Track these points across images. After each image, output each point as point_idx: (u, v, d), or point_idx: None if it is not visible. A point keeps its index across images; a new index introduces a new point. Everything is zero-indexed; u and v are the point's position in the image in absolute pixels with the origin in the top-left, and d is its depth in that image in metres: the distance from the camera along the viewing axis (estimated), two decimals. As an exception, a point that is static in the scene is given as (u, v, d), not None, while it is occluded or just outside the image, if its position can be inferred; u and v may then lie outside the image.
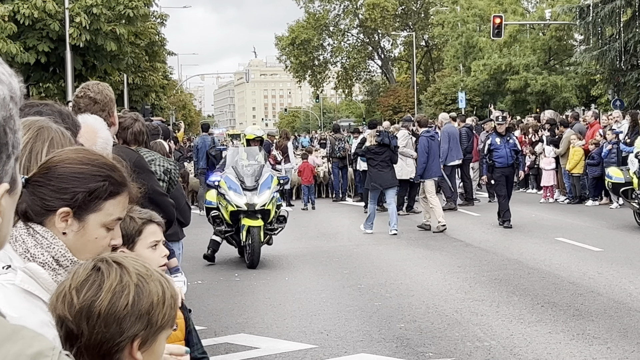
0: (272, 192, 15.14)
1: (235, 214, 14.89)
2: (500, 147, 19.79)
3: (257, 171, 15.44)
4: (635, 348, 9.05)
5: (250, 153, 16.46)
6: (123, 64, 31.71)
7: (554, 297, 11.89)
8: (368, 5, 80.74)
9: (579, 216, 21.76)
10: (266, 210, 14.88)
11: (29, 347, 1.27)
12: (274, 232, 15.26)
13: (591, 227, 19.43)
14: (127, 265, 2.30)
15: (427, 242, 18.08)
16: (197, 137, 31.05)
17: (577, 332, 9.84)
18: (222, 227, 15.20)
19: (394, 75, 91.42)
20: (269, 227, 15.05)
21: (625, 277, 13.18)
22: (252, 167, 15.55)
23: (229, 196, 14.88)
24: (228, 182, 15.12)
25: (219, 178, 15.54)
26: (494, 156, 19.88)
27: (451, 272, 14.26)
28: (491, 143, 20.08)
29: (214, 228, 15.44)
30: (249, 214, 14.74)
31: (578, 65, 53.35)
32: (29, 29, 26.98)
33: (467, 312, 11.14)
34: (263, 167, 15.77)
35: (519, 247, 16.77)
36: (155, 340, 2.30)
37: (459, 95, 60.63)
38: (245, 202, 14.73)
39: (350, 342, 9.68)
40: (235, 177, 15.18)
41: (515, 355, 8.95)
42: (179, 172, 7.57)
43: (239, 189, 14.95)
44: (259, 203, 14.75)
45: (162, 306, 2.30)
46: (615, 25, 43.88)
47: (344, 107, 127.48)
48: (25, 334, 1.29)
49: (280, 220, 15.41)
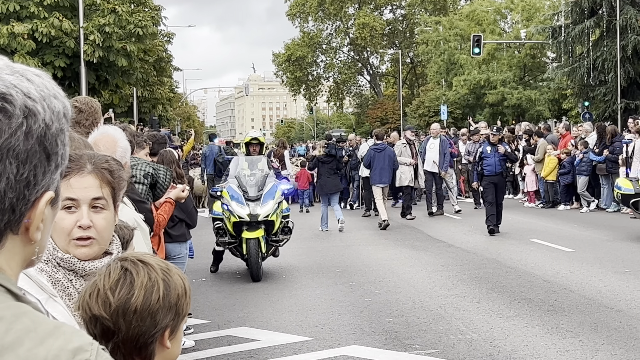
0: (275, 203, 13.59)
1: (238, 225, 13.39)
2: (490, 156, 19.15)
3: (261, 181, 13.93)
4: (605, 341, 9.05)
5: (251, 162, 14.76)
6: (133, 79, 31.73)
7: (529, 293, 11.90)
8: (358, 25, 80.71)
9: (552, 219, 21.79)
10: (270, 222, 13.43)
11: (70, 342, 1.27)
12: (279, 244, 13.87)
13: (563, 229, 19.45)
14: (150, 262, 2.30)
15: (413, 243, 18.08)
16: (205, 146, 31.13)
17: (552, 326, 9.84)
18: (225, 239, 13.68)
19: (382, 89, 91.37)
20: (274, 239, 13.64)
21: (595, 275, 13.20)
22: (255, 177, 14.05)
23: (231, 207, 13.41)
24: (230, 192, 13.65)
25: (221, 188, 14.14)
26: (483, 164, 19.30)
27: (435, 270, 14.26)
28: (482, 151, 19.52)
29: (217, 239, 13.90)
30: (252, 225, 13.29)
31: (550, 81, 53.46)
32: (47, 46, 26.96)
33: (450, 307, 11.13)
34: (267, 177, 14.16)
35: (497, 248, 16.79)
36: (180, 328, 2.32)
37: (441, 108, 60.61)
38: (248, 212, 13.26)
39: (342, 335, 9.67)
40: (238, 187, 13.74)
41: (495, 347, 8.95)
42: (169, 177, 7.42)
43: (242, 199, 13.48)
44: (262, 214, 13.29)
45: (185, 296, 2.31)
46: (585, 44, 43.97)
47: (336, 118, 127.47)
48: (66, 330, 1.30)
49: (285, 231, 13.90)
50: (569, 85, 48.18)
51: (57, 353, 1.24)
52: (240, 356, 8.97)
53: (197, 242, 17.01)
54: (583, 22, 43.48)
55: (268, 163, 15.13)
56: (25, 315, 1.28)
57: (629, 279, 12.78)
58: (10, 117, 1.28)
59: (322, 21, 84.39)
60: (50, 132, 1.34)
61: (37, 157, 1.32)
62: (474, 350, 8.85)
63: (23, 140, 1.29)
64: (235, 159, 15.53)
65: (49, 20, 26.41)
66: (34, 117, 1.31)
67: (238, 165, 14.66)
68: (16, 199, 1.31)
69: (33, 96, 1.32)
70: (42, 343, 1.24)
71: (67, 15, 27.32)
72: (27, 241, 1.39)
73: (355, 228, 21.52)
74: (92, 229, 2.81)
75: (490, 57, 60.57)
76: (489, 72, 60.07)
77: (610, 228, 19.59)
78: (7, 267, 1.36)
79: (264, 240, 13.33)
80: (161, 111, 50.39)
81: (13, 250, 1.37)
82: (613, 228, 19.51)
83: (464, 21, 65.06)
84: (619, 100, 40.53)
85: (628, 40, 40.46)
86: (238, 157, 16.26)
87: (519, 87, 59.02)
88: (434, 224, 20.50)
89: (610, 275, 13.18)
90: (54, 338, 1.26)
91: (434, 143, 24.15)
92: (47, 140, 1.34)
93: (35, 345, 1.23)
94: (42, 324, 1.28)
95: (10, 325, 1.24)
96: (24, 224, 1.36)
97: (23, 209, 1.33)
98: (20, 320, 1.26)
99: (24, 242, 1.39)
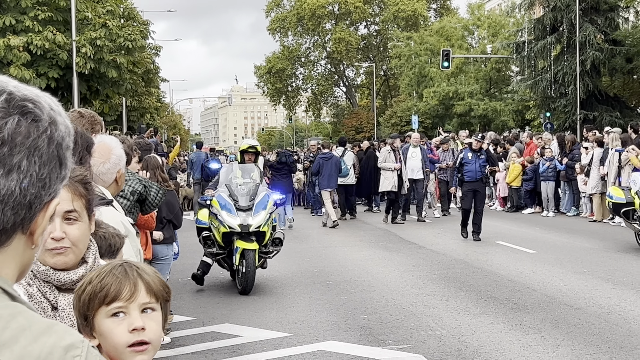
0: (267, 213, 12.35)
1: (228, 235, 12.22)
2: (470, 162, 18.18)
3: (253, 190, 12.64)
4: (566, 337, 9.10)
5: (245, 170, 13.43)
6: (122, 89, 31.59)
7: (495, 292, 11.94)
8: (335, 40, 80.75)
9: (516, 223, 21.89)
10: (261, 232, 12.19)
11: (62, 340, 1.28)
12: (268, 256, 12.67)
13: (526, 232, 19.54)
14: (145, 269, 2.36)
15: (386, 244, 18.10)
16: (192, 153, 31.26)
17: (515, 322, 9.89)
18: (213, 249, 12.46)
19: (357, 100, 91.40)
20: (264, 250, 12.45)
21: (556, 275, 13.26)
22: (247, 186, 12.75)
23: (221, 216, 12.15)
24: (221, 201, 12.36)
25: (211, 197, 12.75)
26: (463, 170, 18.28)
27: (407, 270, 14.28)
28: (463, 157, 18.48)
29: (205, 249, 12.60)
30: (243, 236, 12.09)
31: (515, 93, 53.71)
32: (41, 58, 26.84)
33: (421, 305, 11.16)
34: (259, 186, 12.90)
35: (465, 250, 16.84)
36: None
37: (412, 118, 60.51)
38: (239, 223, 12.01)
39: (320, 331, 9.67)
40: (229, 196, 12.46)
41: (463, 342, 8.98)
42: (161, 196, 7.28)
43: (233, 208, 12.22)
44: (253, 224, 12.03)
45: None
46: (547, 59, 44.24)
47: (314, 127, 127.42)
48: (59, 328, 1.31)
49: (275, 242, 12.70)
50: (532, 97, 48.47)
51: (50, 350, 1.25)
52: (224, 351, 8.95)
53: (182, 242, 16.93)
54: (545, 38, 43.76)
55: (260, 173, 13.78)
56: (21, 314, 1.29)
57: (587, 279, 12.86)
58: (38, 121, 1.35)
59: (301, 36, 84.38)
60: (64, 143, 1.40)
61: (54, 162, 1.37)
62: (443, 345, 8.88)
63: (47, 143, 1.36)
64: (226, 167, 14.25)
65: (43, 34, 26.31)
66: (56, 126, 1.38)
67: (230, 173, 13.40)
68: (34, 196, 1.35)
69: (54, 109, 1.40)
70: (37, 340, 1.25)
71: (61, 29, 27.21)
72: (29, 244, 1.41)
73: (332, 231, 21.52)
74: (65, 239, 2.76)
75: (458, 71, 60.75)
76: (457, 85, 60.23)
77: (570, 231, 19.71)
78: (5, 268, 1.37)
79: (257, 252, 12.22)
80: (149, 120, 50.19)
81: (16, 251, 1.38)
82: (573, 231, 19.63)
83: (433, 37, 65.22)
84: (578, 111, 40.80)
85: (587, 55, 40.73)
86: (229, 164, 15.03)
87: (485, 98, 59.21)
88: (405, 227, 20.54)
89: (570, 275, 13.26)
90: (47, 336, 1.27)
91: (415, 152, 23.39)
92: (62, 150, 1.39)
93: (29, 343, 1.24)
94: (37, 322, 1.29)
95: (7, 324, 1.25)
96: (30, 227, 1.38)
97: (37, 208, 1.37)
98: (16, 319, 1.27)
99: (27, 245, 1.40)
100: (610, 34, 41.89)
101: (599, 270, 13.63)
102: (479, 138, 19.03)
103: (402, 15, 76.78)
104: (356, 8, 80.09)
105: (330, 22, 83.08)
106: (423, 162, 23.25)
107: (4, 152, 1.31)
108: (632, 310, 10.45)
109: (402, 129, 56.47)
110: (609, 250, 16.18)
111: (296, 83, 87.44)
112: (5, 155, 1.31)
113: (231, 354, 8.80)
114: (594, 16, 42.23)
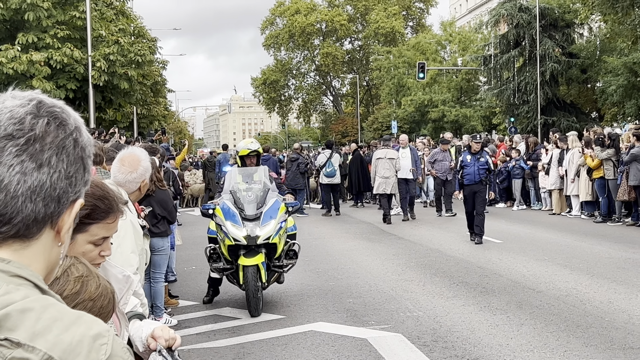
0: (278, 222, 9.77)
1: (234, 248, 9.75)
2: (470, 165, 16.35)
3: (260, 196, 10.01)
4: (529, 317, 9.12)
5: (246, 174, 10.60)
6: (133, 99, 31.55)
7: (466, 278, 11.96)
8: (322, 54, 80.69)
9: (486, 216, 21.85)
10: (272, 245, 9.72)
11: (91, 329, 1.28)
12: (283, 270, 10.08)
13: (494, 224, 19.53)
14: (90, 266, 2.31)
15: (369, 236, 18.09)
16: (219, 154, 31.30)
17: (484, 304, 9.90)
18: (220, 264, 10.00)
19: (342, 107, 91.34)
20: (277, 264, 9.94)
21: (520, 262, 13.29)
22: (254, 192, 10.08)
23: (225, 227, 9.70)
24: (225, 210, 9.86)
25: (214, 205, 10.12)
26: (463, 173, 16.48)
27: (387, 259, 14.28)
28: (462, 160, 16.64)
29: (210, 265, 10.14)
30: (250, 250, 9.67)
31: (482, 101, 53.88)
32: (60, 71, 26.73)
33: (400, 289, 11.16)
34: (268, 192, 10.17)
35: (439, 240, 16.85)
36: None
37: (392, 123, 60.85)
38: (245, 234, 9.57)
39: (310, 314, 9.67)
40: (234, 204, 9.92)
41: (438, 322, 8.98)
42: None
43: (238, 218, 9.73)
44: (262, 236, 9.57)
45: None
46: (511, 70, 44.37)
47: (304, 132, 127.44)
48: (87, 319, 1.30)
49: (290, 255, 10.11)
50: (498, 104, 48.60)
51: (80, 339, 1.25)
52: (225, 332, 8.94)
53: (187, 235, 16.95)
54: (509, 52, 43.92)
55: (266, 172, 10.72)
56: (52, 306, 1.28)
57: (548, 265, 12.88)
58: (66, 125, 1.38)
59: (292, 51, 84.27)
60: (87, 149, 1.42)
61: (79, 164, 1.39)
62: (420, 325, 8.88)
63: (73, 145, 1.38)
64: (230, 171, 11.08)
65: (62, 50, 26.20)
66: (80, 133, 1.40)
67: (232, 178, 10.62)
68: (63, 191, 1.36)
69: (78, 120, 1.43)
70: (68, 330, 1.25)
71: (78, 45, 27.11)
72: (57, 241, 1.41)
73: (321, 224, 21.51)
74: None
75: (432, 81, 60.82)
76: (432, 94, 60.31)
77: (533, 223, 19.76)
78: (35, 262, 1.37)
79: (264, 267, 9.66)
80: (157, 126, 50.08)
81: (45, 246, 1.39)
82: (535, 223, 19.68)
83: (410, 51, 65.23)
84: (539, 116, 40.95)
85: (546, 67, 40.90)
86: (232, 168, 11.46)
87: (456, 105, 59.31)
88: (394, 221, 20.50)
89: (533, 262, 13.28)
90: (77, 325, 1.27)
91: (405, 152, 21.90)
92: (85, 156, 1.41)
93: (62, 332, 1.24)
94: (67, 313, 1.29)
95: (40, 315, 1.25)
96: (58, 223, 1.39)
97: (65, 203, 1.38)
98: (48, 311, 1.26)
99: (55, 242, 1.41)
100: (567, 48, 42.06)
101: (558, 258, 13.66)
102: (477, 139, 16.93)
103: (382, 32, 76.78)
104: (341, 26, 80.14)
105: (319, 38, 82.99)
106: (413, 162, 21.84)
107: (36, 149, 1.33)
108: (587, 293, 10.48)
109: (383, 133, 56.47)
110: (567, 240, 16.22)
111: (288, 93, 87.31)
112: (37, 151, 1.33)
113: (231, 335, 8.79)
114: (552, 32, 42.40)
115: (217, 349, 8.19)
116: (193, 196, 29.83)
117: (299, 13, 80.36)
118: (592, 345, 7.80)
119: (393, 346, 8.02)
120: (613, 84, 34.45)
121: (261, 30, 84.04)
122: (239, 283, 9.80)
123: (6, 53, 25.15)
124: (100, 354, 1.25)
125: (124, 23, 30.85)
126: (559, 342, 7.94)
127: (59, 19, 26.77)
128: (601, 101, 38.31)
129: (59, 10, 26.98)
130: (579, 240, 16.07)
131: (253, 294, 9.53)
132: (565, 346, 7.79)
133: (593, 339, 8.06)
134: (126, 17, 32.92)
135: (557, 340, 8.04)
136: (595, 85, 42.50)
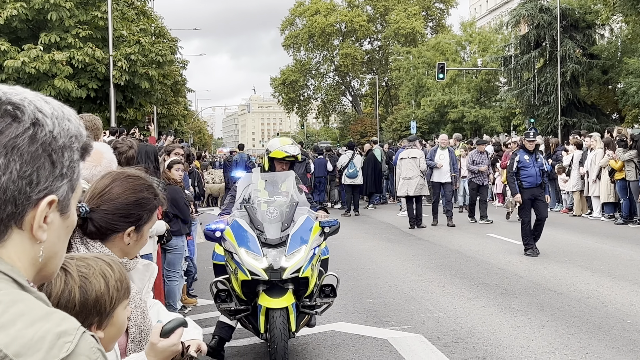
0: (310, 248, 7.04)
1: (251, 284, 6.91)
2: (529, 166, 14.37)
3: (287, 213, 7.21)
4: (550, 318, 9.08)
5: (272, 181, 7.80)
6: (154, 98, 31.69)
7: (486, 279, 11.92)
8: (342, 55, 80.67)
9: (504, 217, 21.77)
10: (302, 279, 6.97)
11: (58, 326, 1.23)
12: (315, 311, 7.29)
13: (514, 225, 19.44)
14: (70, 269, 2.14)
15: (389, 236, 18.07)
16: (236, 154, 31.51)
17: (505, 306, 9.87)
18: (230, 304, 7.09)
19: (361, 108, 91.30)
20: (308, 304, 7.16)
21: (540, 264, 13.23)
22: (279, 208, 7.27)
23: (239, 256, 6.87)
24: (237, 232, 7.04)
25: (222, 226, 7.17)
26: (521, 175, 14.44)
27: (407, 259, 14.26)
28: (519, 160, 14.47)
29: (218, 305, 7.14)
30: (274, 286, 6.87)
31: (502, 101, 53.69)
32: (82, 71, 26.88)
33: (420, 290, 11.14)
34: (296, 206, 7.37)
35: (459, 241, 16.80)
36: (111, 317, 2.17)
37: (411, 124, 60.70)
38: (266, 266, 6.74)
39: (331, 314, 9.66)
40: (249, 225, 7.08)
41: (458, 324, 8.96)
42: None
43: (256, 244, 6.90)
44: (288, 268, 6.76)
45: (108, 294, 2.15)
46: (531, 71, 44.20)
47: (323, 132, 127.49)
48: (57, 316, 1.26)
49: (325, 292, 7.32)
50: (518, 105, 48.40)
51: (43, 335, 1.20)
52: (245, 331, 8.91)
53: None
54: (529, 52, 43.71)
55: (296, 181, 7.91)
56: (22, 301, 1.25)
57: (568, 267, 12.82)
58: (19, 122, 1.30)
59: (311, 51, 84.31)
60: (57, 143, 1.35)
61: (41, 160, 1.32)
62: (440, 326, 8.87)
63: (28, 143, 1.31)
64: (245, 177, 8.14)
65: (84, 50, 26.35)
66: (41, 127, 1.32)
67: (249, 186, 7.79)
68: (18, 192, 1.30)
69: (45, 112, 1.34)
70: (32, 325, 1.21)
71: (99, 45, 27.25)
72: (33, 240, 1.36)
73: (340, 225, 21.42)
74: None
75: (452, 82, 60.64)
76: (451, 94, 60.12)
77: (553, 224, 19.62)
78: (17, 260, 1.33)
79: (294, 309, 6.93)
80: (177, 126, 50.30)
81: (22, 245, 1.34)
82: (556, 224, 19.56)
83: (430, 51, 65.10)
84: (559, 117, 40.73)
85: (567, 67, 40.68)
86: (250, 174, 8.21)
87: (476, 106, 59.09)
88: (405, 222, 20.47)
89: (554, 263, 13.22)
90: (44, 321, 1.22)
91: (443, 154, 20.60)
92: (53, 149, 1.34)
93: (25, 327, 1.20)
94: (36, 309, 1.25)
95: (7, 309, 1.21)
96: (28, 221, 1.34)
97: (25, 203, 1.32)
98: (17, 305, 1.23)
99: (31, 240, 1.36)
100: (587, 49, 41.83)
101: (579, 260, 13.59)
102: (530, 137, 14.67)
103: (402, 32, 76.62)
104: (361, 26, 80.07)
105: (338, 38, 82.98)
106: (451, 165, 20.54)
107: None
108: (608, 295, 10.42)
109: (402, 134, 56.42)
110: (587, 242, 16.13)
111: (307, 93, 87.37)
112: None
113: (252, 334, 8.79)
114: (573, 33, 42.14)
115: (238, 348, 8.22)
116: (212, 195, 30.01)
117: (319, 13, 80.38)
118: (614, 348, 7.76)
119: (414, 347, 8.01)
120: (634, 85, 34.24)
121: (281, 31, 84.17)
122: (257, 330, 7.09)
123: (29, 52, 25.33)
124: (62, 351, 1.20)
125: (145, 23, 30.98)
126: (580, 345, 7.90)
127: (81, 19, 26.94)
128: (622, 102, 38.08)
129: (81, 10, 27.16)
130: (600, 242, 15.97)
131: (280, 346, 6.63)
132: (586, 348, 7.75)
133: (615, 341, 8.01)
134: (147, 17, 33.07)
135: (579, 342, 8.00)
136: (616, 86, 42.22)
